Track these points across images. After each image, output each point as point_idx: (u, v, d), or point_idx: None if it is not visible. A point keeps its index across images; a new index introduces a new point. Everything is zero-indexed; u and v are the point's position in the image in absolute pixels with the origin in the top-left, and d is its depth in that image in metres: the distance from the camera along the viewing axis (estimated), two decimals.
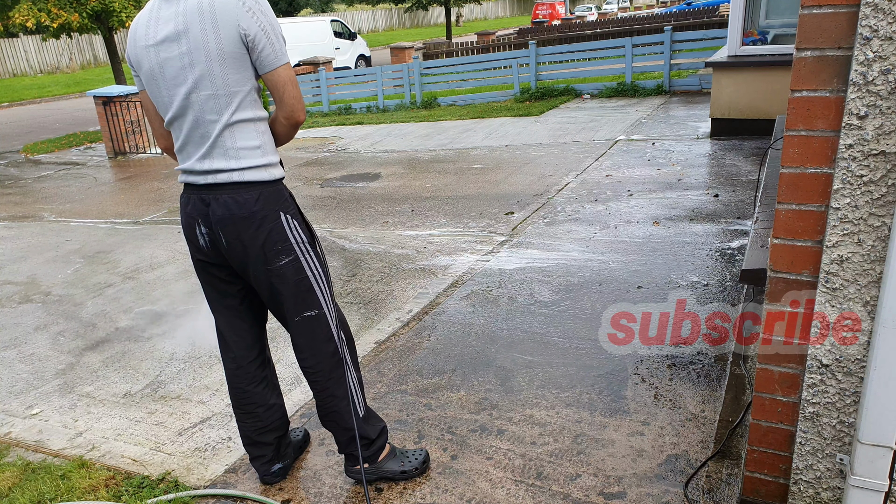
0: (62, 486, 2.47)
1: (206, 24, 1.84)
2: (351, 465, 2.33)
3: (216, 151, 1.96)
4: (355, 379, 2.27)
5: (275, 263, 2.04)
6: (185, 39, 1.86)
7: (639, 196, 5.44)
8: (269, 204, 2.00)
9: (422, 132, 9.95)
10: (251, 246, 2.01)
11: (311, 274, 2.11)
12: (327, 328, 2.17)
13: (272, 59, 1.89)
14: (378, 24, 46.70)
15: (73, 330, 3.98)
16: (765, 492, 1.95)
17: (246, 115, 1.95)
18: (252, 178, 1.98)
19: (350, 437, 2.26)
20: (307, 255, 2.10)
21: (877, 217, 1.52)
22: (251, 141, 1.97)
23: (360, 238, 5.20)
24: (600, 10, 37.01)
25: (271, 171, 2.02)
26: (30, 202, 7.85)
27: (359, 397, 2.27)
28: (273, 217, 2.01)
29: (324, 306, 2.15)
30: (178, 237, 5.72)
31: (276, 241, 2.02)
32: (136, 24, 1.98)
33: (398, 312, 3.77)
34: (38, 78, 28.51)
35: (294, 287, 2.09)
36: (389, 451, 2.38)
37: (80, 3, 12.77)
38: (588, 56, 12.15)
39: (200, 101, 1.92)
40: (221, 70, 1.87)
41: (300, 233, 2.08)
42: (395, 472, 2.34)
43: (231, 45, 1.85)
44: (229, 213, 1.98)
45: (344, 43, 21.40)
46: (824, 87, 1.53)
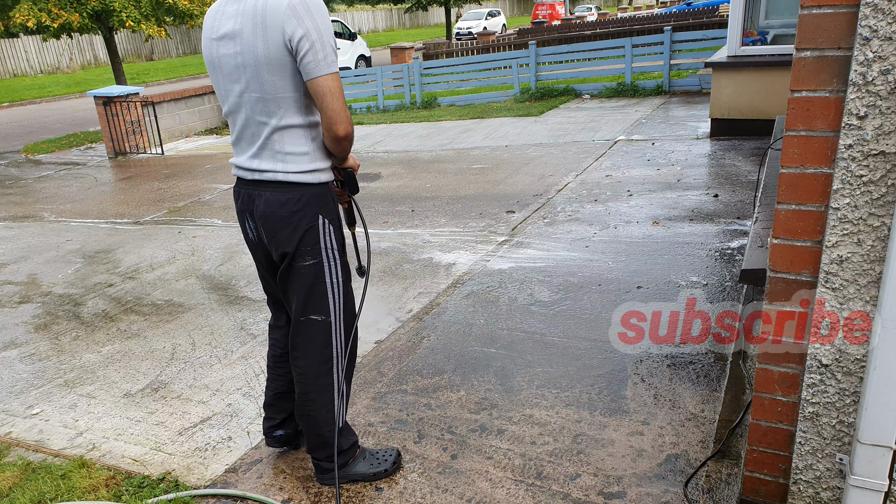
0: (62, 485, 2.47)
1: (257, 27, 1.85)
2: (318, 472, 2.37)
3: (265, 153, 2.01)
4: (343, 391, 2.28)
5: (299, 262, 2.09)
6: (239, 40, 1.90)
7: (638, 196, 5.45)
8: (311, 206, 2.04)
9: (422, 132, 9.95)
10: (287, 244, 2.06)
11: (330, 281, 2.14)
12: (328, 336, 2.18)
13: (312, 68, 1.86)
14: (378, 24, 46.71)
15: (73, 330, 3.98)
16: (764, 491, 1.95)
17: (295, 121, 1.96)
18: (298, 179, 2.01)
19: (321, 442, 2.28)
20: (332, 262, 2.13)
21: (876, 217, 1.53)
22: (300, 147, 1.99)
23: (360, 238, 5.20)
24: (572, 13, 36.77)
25: (318, 175, 2.05)
26: (30, 202, 7.85)
27: (342, 410, 2.28)
28: (312, 219, 2.05)
29: (331, 314, 2.17)
30: (178, 237, 5.73)
31: (308, 242, 2.06)
32: (207, 16, 2.05)
33: (398, 312, 3.77)
34: (39, 78, 28.51)
35: (309, 289, 2.12)
36: (359, 453, 2.39)
37: (80, 3, 12.76)
38: (588, 56, 12.16)
39: (251, 102, 1.96)
40: (269, 75, 1.89)
41: (332, 240, 2.12)
42: (366, 474, 2.35)
43: (277, 52, 1.85)
44: (270, 210, 2.04)
45: (344, 43, 21.37)
46: (824, 87, 1.53)
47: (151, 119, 10.61)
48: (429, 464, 2.43)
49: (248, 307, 4.08)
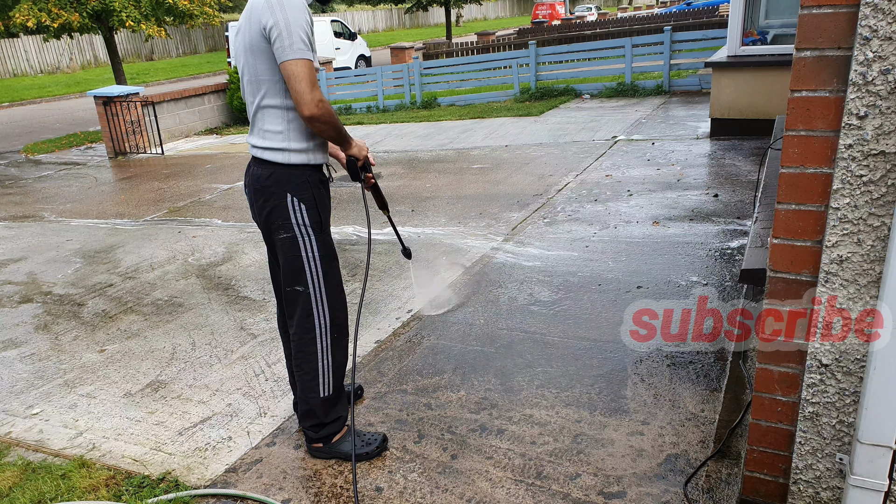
0: (62, 485, 2.47)
1: (248, 20, 2.16)
2: (307, 442, 2.55)
3: (255, 130, 2.30)
4: (327, 361, 2.42)
5: (276, 235, 2.32)
6: (241, 32, 2.21)
7: (638, 196, 5.45)
8: (279, 184, 2.25)
9: (422, 132, 9.95)
10: (261, 214, 2.33)
11: (305, 255, 2.31)
12: (308, 306, 2.36)
13: (280, 53, 2.08)
14: (378, 24, 46.68)
15: (73, 330, 3.98)
16: (764, 491, 1.95)
17: (273, 102, 2.21)
18: (269, 157, 2.25)
19: (307, 411, 2.45)
20: (306, 237, 2.30)
21: (876, 217, 1.53)
22: (276, 126, 2.23)
23: (362, 238, 5.21)
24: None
25: (289, 155, 2.25)
26: (30, 202, 7.85)
27: (326, 379, 2.42)
28: (280, 196, 2.26)
29: (310, 286, 2.34)
30: (178, 237, 5.73)
31: (278, 216, 2.28)
32: None
33: (398, 312, 3.77)
34: (39, 78, 28.50)
35: (289, 261, 2.33)
36: (346, 432, 2.52)
37: (80, 3, 12.75)
38: (588, 56, 12.15)
39: (246, 84, 2.27)
40: (253, 60, 2.18)
41: (304, 216, 2.28)
42: (348, 453, 2.46)
43: (257, 39, 2.13)
44: (251, 181, 2.33)
45: (344, 43, 21.38)
46: (824, 87, 1.53)
47: (151, 119, 10.61)
48: (429, 464, 2.43)
49: (248, 307, 4.08)
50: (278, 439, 2.68)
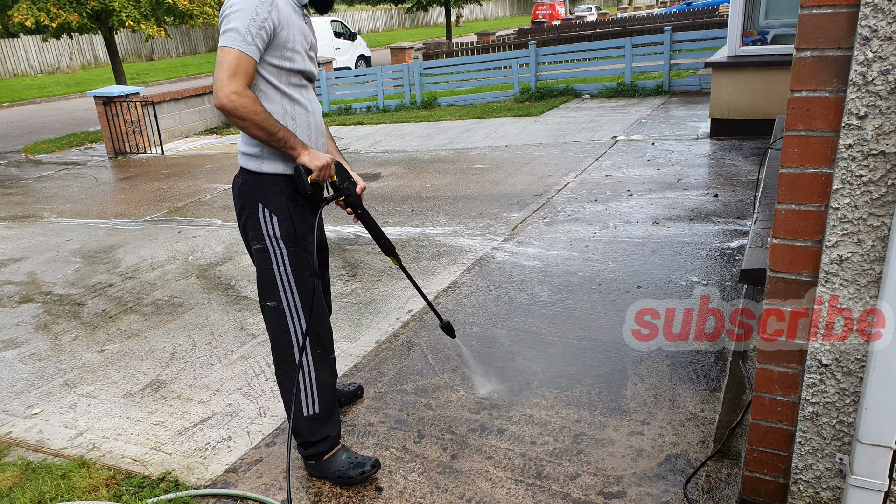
0: (63, 485, 2.47)
1: None
2: (302, 458, 2.45)
3: None
4: (310, 380, 2.28)
5: (251, 245, 2.26)
6: None
7: (638, 196, 5.45)
8: (252, 193, 2.16)
9: (422, 132, 9.95)
10: (239, 222, 2.27)
11: (277, 269, 2.19)
12: (283, 322, 2.23)
13: (219, 38, 2.01)
14: (378, 24, 46.69)
15: (73, 330, 3.98)
16: (764, 491, 1.95)
17: None
18: (242, 163, 2.19)
19: (293, 428, 2.35)
20: (277, 250, 2.18)
21: (876, 217, 1.53)
22: None
23: (361, 238, 5.21)
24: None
25: (261, 163, 2.15)
26: (30, 202, 7.85)
27: (309, 398, 2.29)
28: (251, 205, 2.17)
29: (283, 302, 2.21)
30: (178, 237, 5.73)
31: (251, 226, 2.20)
32: None
33: (398, 312, 3.77)
34: (39, 78, 28.50)
35: (261, 273, 2.23)
36: (338, 451, 2.39)
37: (79, 2, 12.75)
38: (588, 56, 12.15)
39: None
40: None
41: (275, 229, 2.16)
42: (333, 474, 2.35)
43: None
44: (232, 186, 2.27)
45: (344, 43, 21.39)
46: (824, 87, 1.53)
47: (151, 119, 10.61)
48: (429, 464, 2.43)
49: (248, 307, 4.08)
50: (278, 439, 2.68)
